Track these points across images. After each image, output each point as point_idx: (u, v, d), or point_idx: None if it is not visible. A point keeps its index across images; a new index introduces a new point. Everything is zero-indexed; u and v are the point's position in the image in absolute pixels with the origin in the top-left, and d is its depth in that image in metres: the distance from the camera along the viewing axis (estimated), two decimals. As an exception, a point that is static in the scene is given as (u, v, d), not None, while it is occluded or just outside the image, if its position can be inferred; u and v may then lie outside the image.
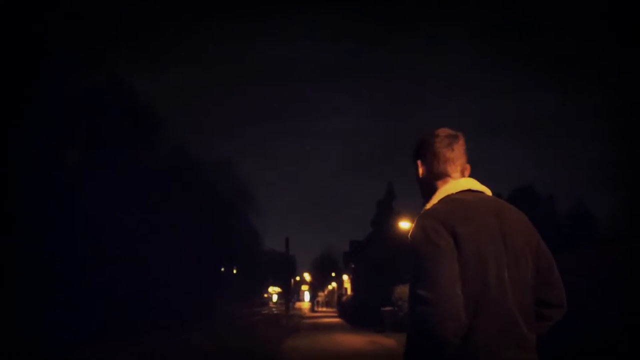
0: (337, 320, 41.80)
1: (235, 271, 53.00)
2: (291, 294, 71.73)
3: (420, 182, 2.31)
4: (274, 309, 63.81)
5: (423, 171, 2.28)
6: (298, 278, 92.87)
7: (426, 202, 2.21)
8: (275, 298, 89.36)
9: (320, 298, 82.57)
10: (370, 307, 29.84)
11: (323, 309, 71.51)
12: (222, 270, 48.42)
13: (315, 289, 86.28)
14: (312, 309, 68.18)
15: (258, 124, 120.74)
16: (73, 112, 26.00)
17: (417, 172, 2.31)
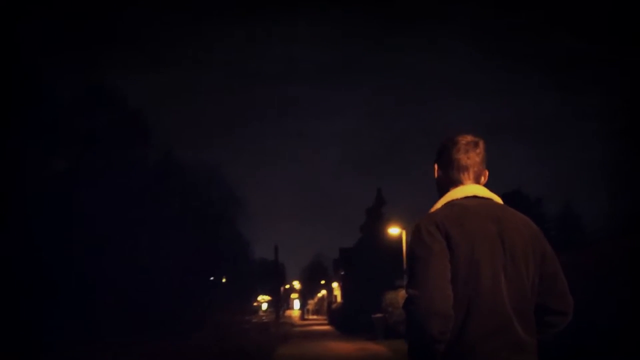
0: (328, 327, 41.71)
1: (224, 280, 52.78)
2: (281, 302, 71.54)
3: (436, 184, 2.37)
4: (264, 318, 63.55)
5: (439, 175, 2.34)
6: (288, 286, 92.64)
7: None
8: (265, 306, 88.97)
9: (310, 306, 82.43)
10: (360, 314, 29.79)
11: (313, 317, 71.38)
12: (212, 279, 48.19)
13: (305, 297, 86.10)
14: (302, 317, 68.08)
15: (256, 125, 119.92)
16: (63, 118, 25.87)
17: (434, 175, 2.38)
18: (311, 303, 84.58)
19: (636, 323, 7.43)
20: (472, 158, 2.25)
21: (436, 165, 2.34)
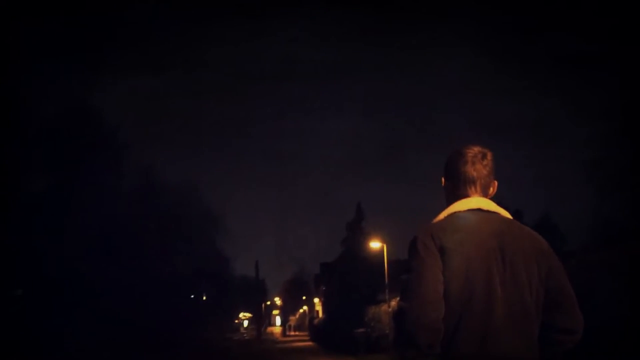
0: (310, 343, 41.47)
1: (204, 297, 52.34)
2: (262, 319, 71.00)
3: (445, 195, 2.36)
4: (245, 335, 62.96)
5: (446, 186, 2.32)
6: (269, 302, 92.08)
7: None
8: (246, 323, 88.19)
9: (292, 322, 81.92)
10: (342, 330, 29.60)
11: (295, 333, 70.97)
12: (192, 297, 47.75)
13: (286, 313, 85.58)
14: (284, 334, 67.66)
15: (240, 140, 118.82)
16: (37, 138, 25.58)
17: (442, 186, 2.38)
18: (293, 319, 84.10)
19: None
20: (479, 170, 2.22)
21: (443, 177, 2.32)
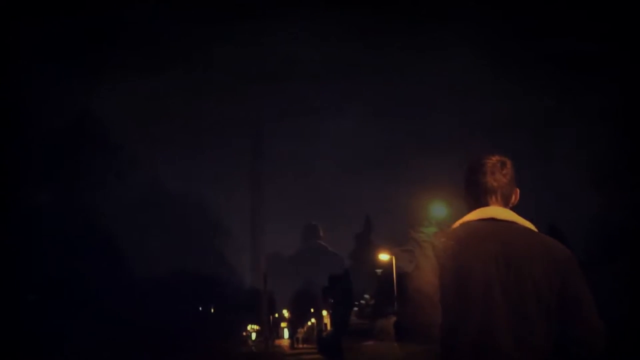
0: (318, 357, 41.23)
1: (213, 310, 52.36)
2: (270, 331, 70.85)
3: (466, 206, 2.36)
4: (253, 347, 62.74)
5: (466, 195, 2.32)
6: (277, 315, 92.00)
7: None
8: (254, 336, 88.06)
9: (299, 335, 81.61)
10: (351, 342, 29.39)
11: (303, 346, 70.60)
12: (200, 309, 47.79)
13: (294, 326, 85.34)
14: (292, 346, 67.30)
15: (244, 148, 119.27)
16: (46, 150, 25.74)
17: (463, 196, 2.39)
18: (301, 332, 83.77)
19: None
20: (499, 180, 2.21)
21: (464, 185, 2.32)
